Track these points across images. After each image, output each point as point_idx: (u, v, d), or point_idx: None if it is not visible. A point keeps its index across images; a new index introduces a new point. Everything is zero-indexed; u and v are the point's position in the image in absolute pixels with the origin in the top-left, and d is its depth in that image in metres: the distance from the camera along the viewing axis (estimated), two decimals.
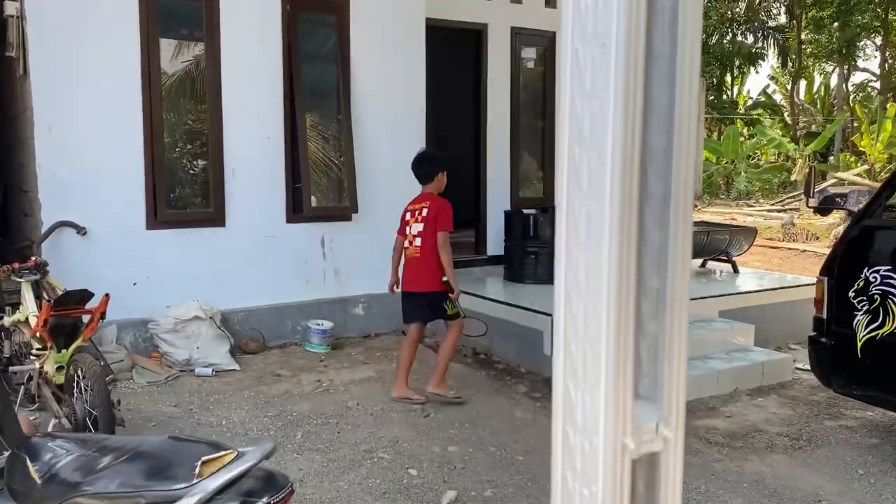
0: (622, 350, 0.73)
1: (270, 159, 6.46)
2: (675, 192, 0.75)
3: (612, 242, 0.72)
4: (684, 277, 0.77)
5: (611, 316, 0.73)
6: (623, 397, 0.74)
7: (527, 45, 8.48)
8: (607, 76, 0.72)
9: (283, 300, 6.58)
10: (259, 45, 6.34)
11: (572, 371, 0.77)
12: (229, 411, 4.97)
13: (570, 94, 0.76)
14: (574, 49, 0.75)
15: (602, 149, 0.73)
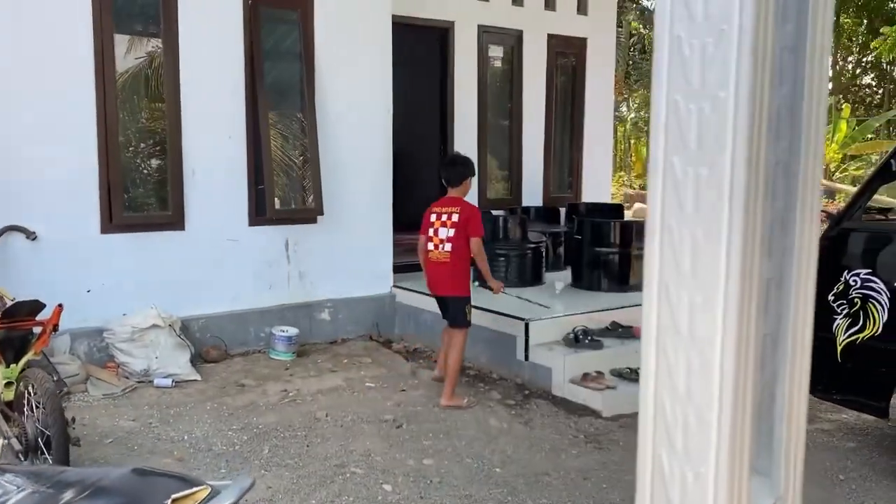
0: (740, 417, 0.58)
1: (232, 160, 6.21)
2: (800, 219, 0.60)
3: (731, 282, 0.57)
4: (807, 320, 0.62)
5: (727, 373, 0.58)
6: (739, 475, 0.59)
7: (494, 43, 8.36)
8: (725, 70, 0.57)
9: (245, 306, 6.33)
10: (219, 41, 6.09)
11: (667, 439, 0.62)
12: (191, 425, 4.73)
13: (669, 93, 0.60)
14: (675, 36, 0.59)
15: (717, 162, 0.58)
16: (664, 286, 0.61)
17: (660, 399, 0.62)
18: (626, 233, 6.79)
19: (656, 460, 0.62)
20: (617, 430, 4.84)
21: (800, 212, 0.59)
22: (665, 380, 0.62)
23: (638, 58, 27.90)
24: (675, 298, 0.61)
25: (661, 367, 0.62)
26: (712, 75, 0.57)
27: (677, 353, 0.61)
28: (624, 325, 5.95)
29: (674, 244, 0.60)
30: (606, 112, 9.65)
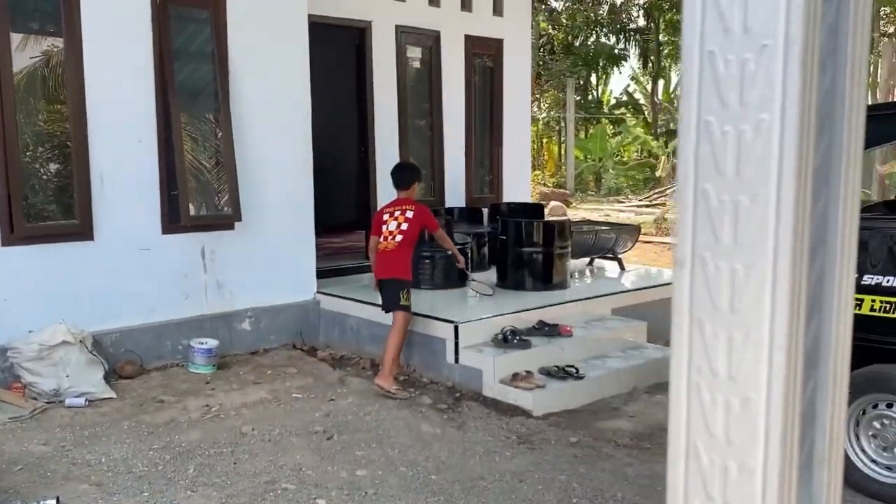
0: (788, 466, 0.54)
1: (143, 165, 5.93)
2: (840, 250, 0.56)
3: (778, 319, 0.53)
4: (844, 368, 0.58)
5: (773, 418, 0.54)
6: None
7: (412, 43, 8.29)
8: (770, 90, 0.52)
9: (161, 318, 6.06)
10: (126, 41, 5.80)
11: (702, 488, 0.57)
12: (109, 446, 4.48)
13: (700, 113, 0.56)
14: (707, 52, 0.55)
15: (761, 191, 0.53)
16: (697, 323, 0.56)
17: (693, 446, 0.57)
18: (549, 232, 6.85)
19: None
20: (548, 429, 4.86)
21: (839, 241, 0.55)
22: (699, 425, 0.57)
23: (548, 58, 28.42)
24: (711, 336, 0.56)
25: (693, 410, 0.57)
26: (753, 95, 0.53)
27: (714, 395, 0.56)
28: (550, 324, 5.99)
29: (708, 278, 0.55)
30: (524, 112, 9.73)
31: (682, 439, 0.58)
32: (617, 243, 7.92)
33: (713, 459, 0.56)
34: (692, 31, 0.55)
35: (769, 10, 0.51)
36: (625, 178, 24.49)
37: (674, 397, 0.59)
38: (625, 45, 29.62)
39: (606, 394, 5.52)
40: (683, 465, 0.58)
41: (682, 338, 0.57)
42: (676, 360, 0.58)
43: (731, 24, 0.53)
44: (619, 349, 6.13)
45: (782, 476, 0.54)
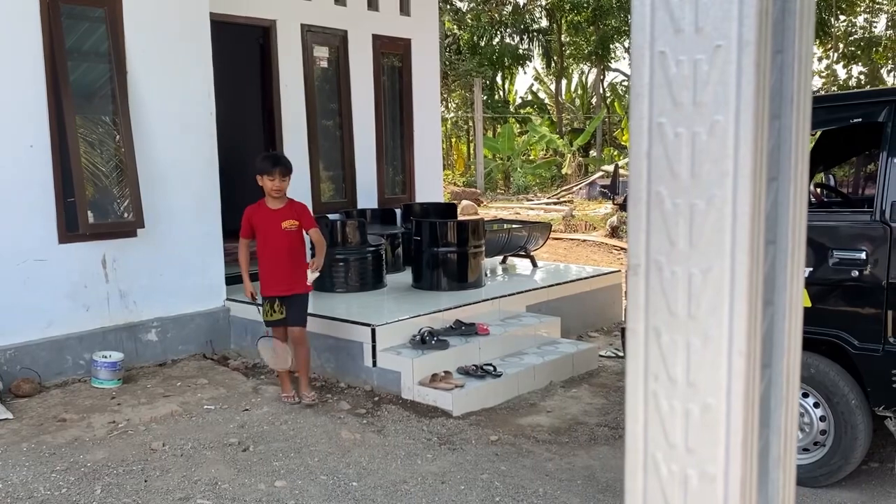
0: (749, 470, 0.53)
1: (35, 171, 5.61)
2: (790, 247, 0.56)
3: (736, 321, 0.52)
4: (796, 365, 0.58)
5: (734, 422, 0.53)
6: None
7: (318, 43, 8.16)
8: (724, 92, 0.51)
9: (59, 332, 5.75)
10: (13, 41, 5.47)
11: (662, 497, 0.56)
12: (6, 470, 4.20)
13: (652, 115, 0.54)
14: (658, 53, 0.53)
15: (717, 193, 0.52)
16: (653, 330, 0.55)
17: (651, 457, 0.56)
18: (463, 232, 6.87)
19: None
20: (468, 429, 4.87)
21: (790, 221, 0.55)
22: (657, 434, 0.56)
23: (454, 58, 28.62)
24: (668, 343, 0.54)
25: (651, 419, 0.56)
26: (707, 97, 0.52)
27: (672, 403, 0.55)
28: (467, 323, 6.01)
29: (664, 284, 0.54)
30: (433, 112, 9.74)
31: (640, 450, 0.56)
32: (529, 241, 8.03)
33: (672, 469, 0.55)
34: (641, 31, 0.53)
35: (721, 11, 0.50)
36: (532, 176, 24.92)
37: (630, 408, 0.57)
38: (528, 46, 30.15)
39: (524, 390, 5.58)
40: (642, 477, 0.56)
41: (637, 346, 0.56)
42: (632, 369, 0.57)
43: (682, 24, 0.52)
44: (534, 345, 6.22)
45: (744, 481, 0.53)
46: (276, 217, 5.09)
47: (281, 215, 5.10)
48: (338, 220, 7.19)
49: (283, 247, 5.09)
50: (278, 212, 5.11)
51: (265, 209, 5.13)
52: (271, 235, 5.08)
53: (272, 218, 5.09)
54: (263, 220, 5.11)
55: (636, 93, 0.54)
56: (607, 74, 31.80)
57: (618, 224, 12.75)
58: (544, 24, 30.55)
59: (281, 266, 5.09)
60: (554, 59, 30.35)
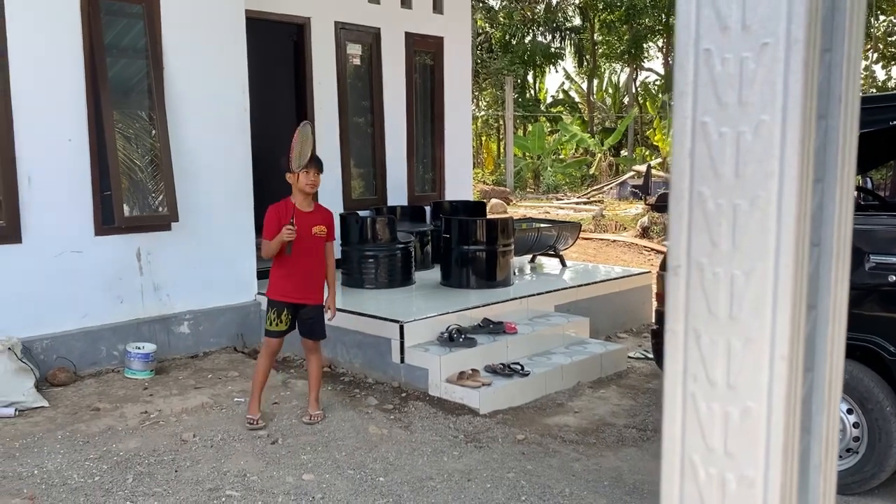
0: (789, 477, 0.52)
1: (74, 165, 5.71)
2: (835, 249, 0.55)
3: (779, 324, 0.51)
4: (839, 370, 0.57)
5: (774, 426, 0.52)
6: None
7: (352, 40, 8.19)
8: (771, 91, 0.51)
9: (94, 323, 5.85)
10: (54, 37, 5.57)
11: (699, 501, 0.55)
12: (42, 457, 4.29)
13: (696, 114, 0.54)
14: (703, 51, 0.53)
15: (761, 194, 0.51)
16: (693, 331, 0.54)
17: (689, 459, 0.55)
18: (493, 230, 6.86)
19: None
20: (495, 427, 4.87)
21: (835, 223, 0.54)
22: (696, 437, 0.55)
23: (486, 56, 28.57)
24: (708, 345, 0.54)
25: (689, 422, 0.55)
26: (753, 96, 0.51)
27: (711, 405, 0.54)
28: (495, 321, 6.01)
29: (704, 285, 0.54)
30: (464, 110, 9.73)
31: (678, 453, 0.56)
32: (558, 240, 7.99)
33: (710, 473, 0.54)
34: (686, 28, 0.53)
35: (770, 8, 0.49)
36: (562, 175, 24.79)
37: (668, 410, 0.57)
38: (560, 44, 30.00)
39: (551, 390, 5.56)
40: (679, 480, 0.56)
41: (677, 347, 0.55)
42: (671, 370, 0.56)
43: (729, 21, 0.51)
44: (562, 345, 6.19)
45: (784, 486, 0.52)
46: (307, 220, 4.74)
47: (313, 219, 4.77)
48: (368, 217, 7.22)
49: (311, 253, 4.75)
50: (310, 215, 4.77)
51: (295, 210, 4.73)
52: (299, 238, 4.65)
53: (304, 220, 4.71)
54: (294, 221, 4.69)
55: (679, 91, 0.54)
56: (640, 73, 31.54)
57: (649, 224, 12.64)
58: (577, 23, 30.39)
59: (303, 272, 4.74)
60: (586, 58, 30.17)
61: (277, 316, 4.78)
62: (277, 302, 4.77)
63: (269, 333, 4.83)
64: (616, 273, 7.91)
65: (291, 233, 4.54)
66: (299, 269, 4.74)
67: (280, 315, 4.77)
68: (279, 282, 4.78)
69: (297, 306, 4.80)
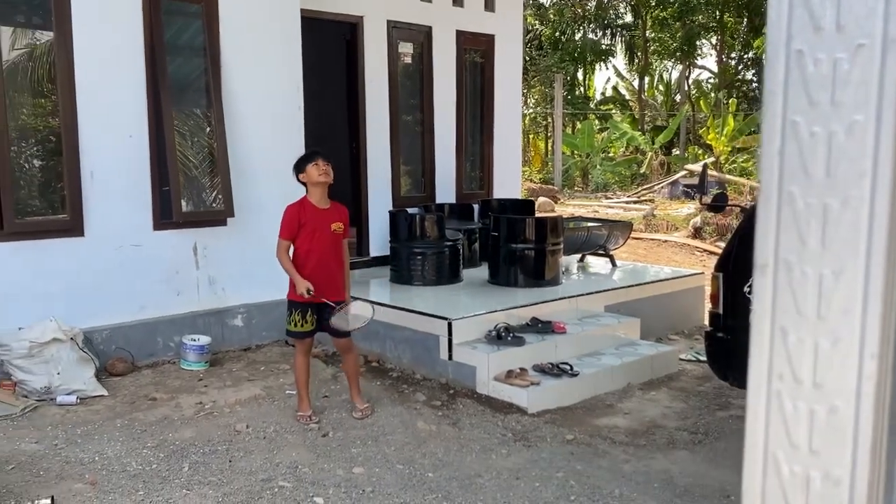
0: (877, 478, 0.52)
1: (134, 160, 5.87)
2: None
3: (870, 324, 0.51)
4: None
5: (862, 427, 0.52)
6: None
7: (404, 39, 8.25)
8: (865, 91, 0.51)
9: (152, 315, 6.01)
10: (117, 35, 5.73)
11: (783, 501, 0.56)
12: (102, 444, 4.43)
13: (787, 113, 0.54)
14: (795, 51, 0.53)
15: (853, 194, 0.51)
16: (780, 330, 0.55)
17: (773, 456, 0.56)
18: (542, 229, 6.84)
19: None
20: (543, 427, 4.86)
21: None
22: (780, 434, 0.55)
23: (535, 54, 28.43)
24: (795, 343, 0.54)
25: (774, 419, 0.56)
26: (846, 96, 0.51)
27: (797, 404, 0.55)
28: (544, 321, 5.99)
29: (793, 283, 0.54)
30: (514, 108, 9.71)
31: (761, 450, 0.56)
32: (609, 239, 7.93)
33: (794, 470, 0.54)
34: (777, 28, 0.53)
35: (866, 8, 0.49)
36: (612, 174, 24.53)
37: (751, 407, 0.57)
38: (611, 41, 29.69)
39: (600, 391, 5.53)
40: (761, 476, 0.56)
41: (762, 344, 0.56)
42: (756, 367, 0.56)
43: (822, 22, 0.51)
44: (612, 346, 6.14)
45: (871, 486, 0.52)
46: (325, 217, 4.69)
47: (330, 216, 4.72)
48: (417, 214, 7.26)
49: (331, 251, 4.73)
50: (327, 212, 4.71)
51: (313, 207, 4.69)
52: (319, 237, 4.66)
53: (322, 217, 4.68)
54: (312, 219, 4.67)
55: (770, 91, 0.54)
56: (692, 71, 31.04)
57: (701, 225, 12.44)
58: (628, 20, 30.04)
59: (325, 271, 4.69)
60: (637, 55, 29.80)
61: (302, 317, 4.72)
62: (301, 303, 4.69)
63: (293, 335, 4.83)
64: (667, 274, 7.81)
65: (311, 292, 4.54)
66: (322, 267, 4.68)
67: (305, 315, 4.72)
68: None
69: (320, 306, 4.71)
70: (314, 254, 4.67)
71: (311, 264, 4.67)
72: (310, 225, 4.67)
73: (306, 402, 4.86)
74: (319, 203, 4.72)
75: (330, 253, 4.73)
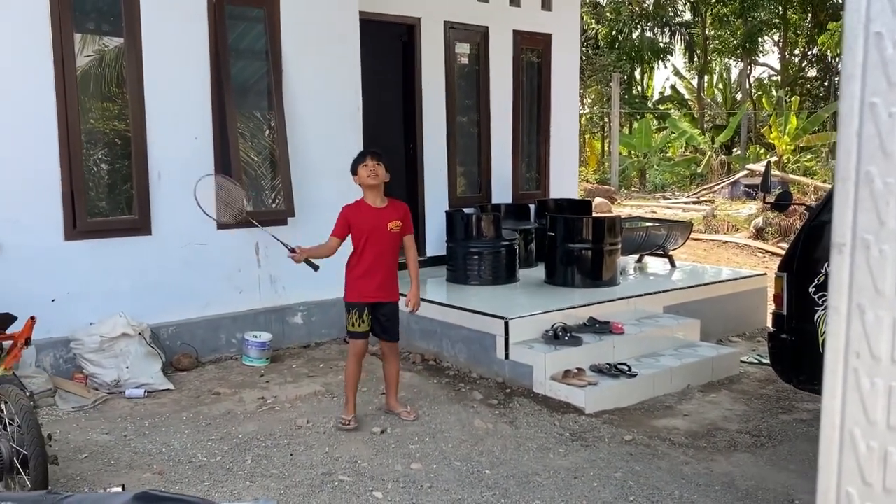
0: None
1: (199, 161, 6.03)
2: None
3: None
4: None
5: None
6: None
7: (460, 39, 8.29)
8: None
9: (215, 312, 6.17)
10: (183, 39, 5.91)
11: (858, 474, 0.56)
12: (168, 436, 4.58)
13: (865, 95, 0.55)
14: (874, 34, 0.54)
15: None
16: (857, 308, 0.55)
17: (849, 433, 0.56)
18: (599, 229, 6.79)
19: (843, 499, 0.56)
20: (601, 427, 4.83)
21: None
22: (857, 411, 0.56)
23: (591, 53, 28.17)
24: (873, 321, 0.55)
25: (850, 396, 0.57)
26: None
27: (874, 381, 0.55)
28: (601, 321, 5.95)
29: (870, 262, 0.55)
30: (571, 108, 9.66)
31: (837, 427, 0.57)
32: (668, 240, 7.82)
33: (871, 446, 0.55)
34: (856, 12, 0.54)
35: None
36: (670, 173, 24.14)
37: (828, 385, 0.58)
38: (670, 39, 29.22)
39: (659, 392, 5.46)
40: (837, 452, 0.57)
41: (839, 323, 0.56)
42: (832, 345, 0.57)
43: None
44: (671, 347, 6.06)
45: None
46: (381, 217, 4.65)
47: (387, 215, 4.66)
48: (473, 214, 7.28)
49: (388, 250, 4.68)
50: (383, 211, 4.67)
51: (368, 208, 4.67)
52: (375, 237, 4.62)
53: (378, 217, 4.64)
54: (367, 220, 4.64)
55: (847, 74, 0.55)
56: (754, 69, 30.35)
57: (763, 225, 12.16)
58: (687, 17, 29.53)
59: (382, 271, 4.68)
60: (697, 54, 29.27)
61: (360, 316, 4.70)
62: (357, 303, 4.71)
63: (353, 335, 4.77)
64: (728, 274, 7.66)
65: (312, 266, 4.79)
66: (378, 267, 4.67)
67: (362, 315, 4.70)
68: (356, 283, 4.72)
69: (374, 305, 4.73)
70: (369, 254, 4.66)
71: (366, 264, 4.68)
72: (365, 225, 4.65)
73: (352, 406, 4.79)
74: (374, 203, 4.70)
75: (388, 252, 4.70)
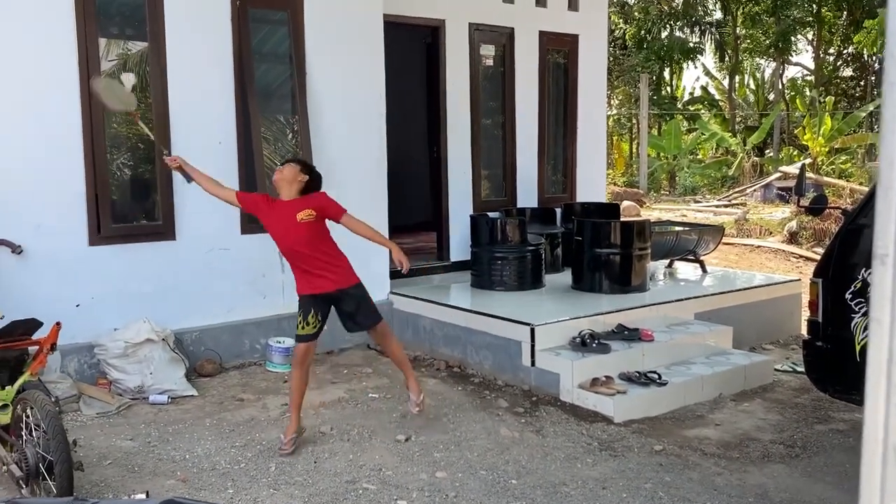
0: None
1: (223, 166, 6.00)
2: None
3: None
4: None
5: None
6: None
7: (485, 41, 8.20)
8: None
9: (239, 317, 6.15)
10: (207, 44, 5.91)
11: None
12: (192, 443, 4.55)
13: None
14: None
15: None
16: None
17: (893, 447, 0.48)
18: (627, 233, 6.66)
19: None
20: (630, 436, 4.72)
21: None
22: None
23: (619, 54, 27.93)
24: None
25: (893, 409, 0.48)
26: None
27: None
28: (630, 328, 5.83)
29: None
30: (598, 110, 9.52)
31: (880, 441, 0.49)
32: (699, 244, 7.66)
33: None
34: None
35: None
36: (701, 176, 23.80)
37: (870, 399, 0.50)
38: (700, 39, 28.86)
39: (690, 401, 5.33)
40: (880, 467, 0.49)
41: (881, 336, 0.48)
42: (874, 358, 0.49)
43: None
44: (702, 355, 5.92)
45: None
46: (289, 208, 4.41)
47: (295, 206, 4.40)
48: (498, 218, 7.20)
49: (304, 241, 4.40)
50: (291, 203, 4.43)
51: (280, 201, 4.50)
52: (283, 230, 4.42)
53: (285, 207, 4.42)
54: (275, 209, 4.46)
55: (891, 81, 0.47)
56: (786, 69, 29.86)
57: (797, 229, 11.90)
58: (718, 16, 29.16)
59: (307, 262, 4.43)
60: (728, 53, 28.88)
61: (304, 318, 4.38)
62: (303, 299, 4.43)
63: (297, 338, 4.44)
64: (761, 280, 7.49)
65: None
66: (300, 261, 4.43)
67: (307, 316, 4.37)
68: (298, 280, 4.50)
69: (327, 299, 4.45)
70: (286, 251, 4.49)
71: (293, 260, 4.49)
72: (274, 214, 4.46)
73: (294, 424, 4.43)
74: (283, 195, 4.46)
75: (304, 243, 4.38)
